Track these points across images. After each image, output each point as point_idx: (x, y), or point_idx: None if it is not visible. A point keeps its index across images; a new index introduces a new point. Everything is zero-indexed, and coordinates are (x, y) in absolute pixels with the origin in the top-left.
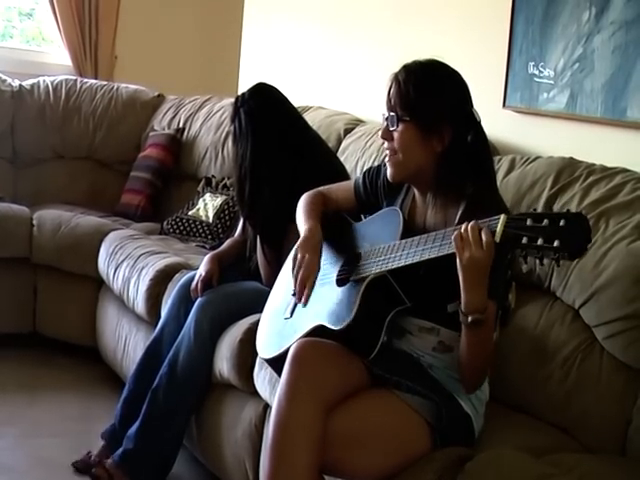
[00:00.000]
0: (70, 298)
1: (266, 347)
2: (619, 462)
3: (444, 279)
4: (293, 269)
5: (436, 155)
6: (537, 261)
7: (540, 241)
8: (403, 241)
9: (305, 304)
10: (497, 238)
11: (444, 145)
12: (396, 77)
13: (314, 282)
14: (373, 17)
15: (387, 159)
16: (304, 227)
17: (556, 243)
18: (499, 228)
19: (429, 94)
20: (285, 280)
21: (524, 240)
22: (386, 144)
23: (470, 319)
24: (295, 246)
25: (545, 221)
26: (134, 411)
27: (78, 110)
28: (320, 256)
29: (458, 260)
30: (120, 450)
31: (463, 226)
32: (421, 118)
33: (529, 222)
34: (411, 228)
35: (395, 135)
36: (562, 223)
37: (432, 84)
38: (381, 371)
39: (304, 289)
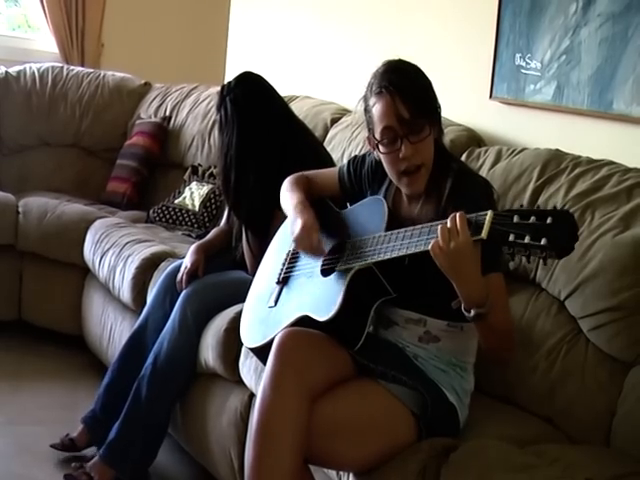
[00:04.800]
0: (56, 286)
1: (250, 336)
2: (603, 453)
3: (429, 270)
4: (297, 245)
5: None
6: (524, 258)
7: (527, 239)
8: (389, 233)
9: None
10: (484, 235)
11: (436, 133)
12: (392, 93)
13: (318, 240)
14: (360, 7)
15: (407, 180)
16: (293, 201)
17: (543, 241)
18: (486, 225)
19: (428, 91)
20: (269, 267)
21: (511, 237)
22: (406, 164)
23: (472, 313)
24: (288, 220)
25: (532, 218)
26: (115, 397)
27: (64, 97)
28: (313, 215)
29: (438, 263)
30: (105, 444)
31: (449, 221)
32: (435, 117)
33: (516, 219)
34: (396, 218)
35: (418, 147)
36: (549, 221)
37: (423, 80)
38: (366, 361)
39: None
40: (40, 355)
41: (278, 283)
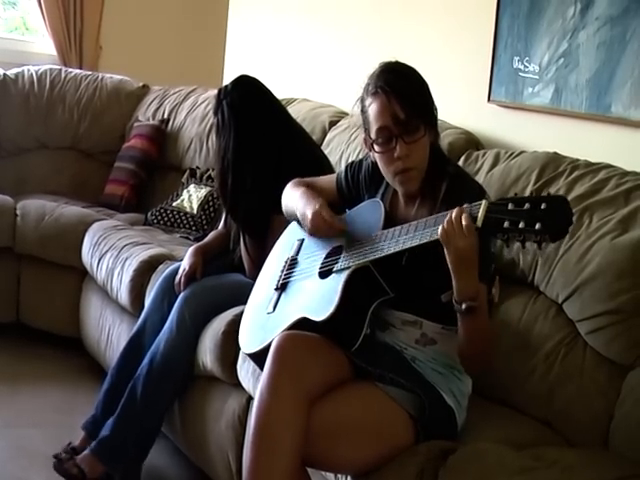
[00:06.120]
0: (53, 288)
1: (249, 342)
2: (601, 456)
3: (426, 268)
4: (311, 227)
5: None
6: (519, 244)
7: (522, 224)
8: (385, 231)
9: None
10: (479, 223)
11: (432, 136)
12: (388, 93)
13: (332, 216)
14: (358, 10)
15: (401, 178)
16: (299, 191)
17: (537, 226)
18: (480, 213)
19: (424, 93)
20: (269, 274)
21: (506, 224)
22: (401, 164)
23: (464, 306)
24: (298, 208)
25: (526, 205)
26: (115, 402)
27: (62, 100)
28: (324, 199)
29: (446, 251)
30: (97, 439)
31: (447, 218)
32: (431, 120)
33: (510, 206)
34: (393, 220)
35: (412, 148)
36: (543, 206)
37: (419, 81)
38: (364, 363)
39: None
40: (38, 358)
41: (277, 289)
